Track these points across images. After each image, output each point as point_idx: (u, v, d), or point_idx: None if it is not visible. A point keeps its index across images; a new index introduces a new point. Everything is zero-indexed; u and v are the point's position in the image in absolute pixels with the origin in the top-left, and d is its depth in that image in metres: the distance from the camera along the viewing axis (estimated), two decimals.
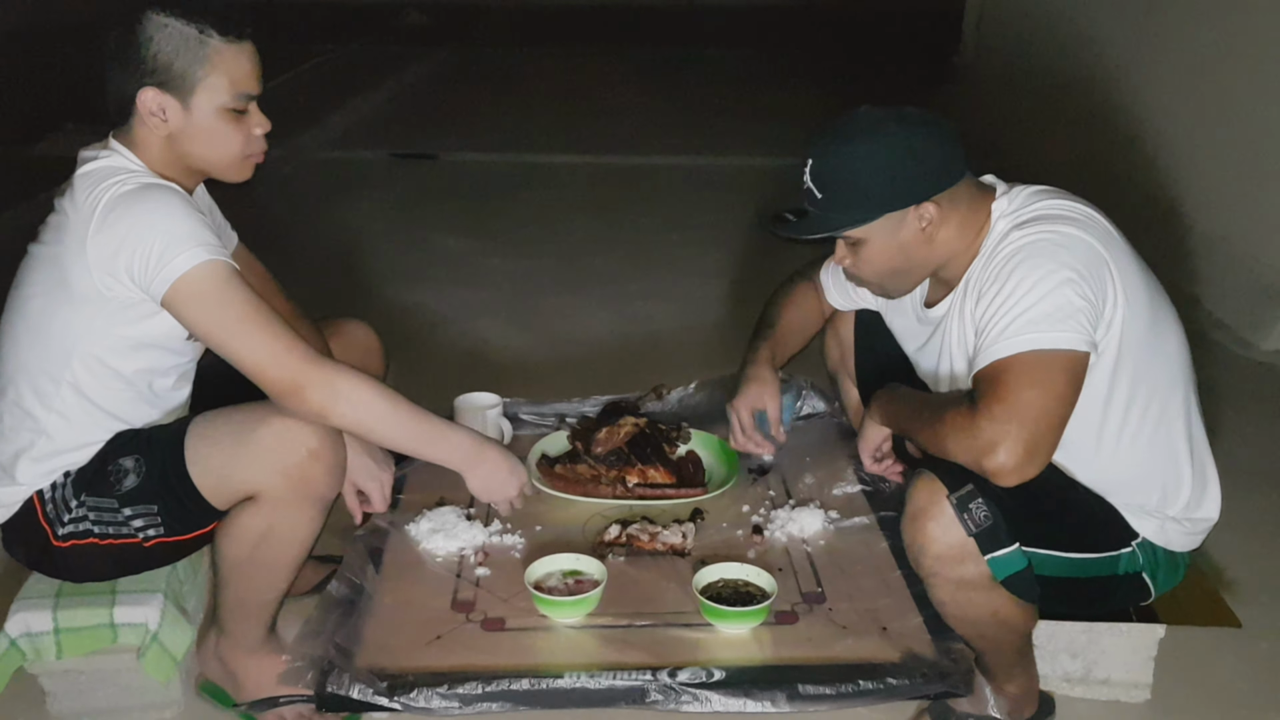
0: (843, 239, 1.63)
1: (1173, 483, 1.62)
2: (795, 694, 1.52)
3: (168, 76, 1.54)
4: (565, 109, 6.83)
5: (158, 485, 1.58)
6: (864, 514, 1.96)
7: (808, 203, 1.61)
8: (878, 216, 1.57)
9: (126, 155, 1.58)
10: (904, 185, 1.55)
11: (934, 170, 1.56)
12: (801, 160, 1.61)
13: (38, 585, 1.74)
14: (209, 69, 1.55)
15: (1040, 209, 1.56)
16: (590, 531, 1.90)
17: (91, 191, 1.51)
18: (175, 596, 1.77)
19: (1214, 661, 1.91)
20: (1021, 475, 1.43)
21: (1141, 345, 1.54)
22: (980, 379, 1.48)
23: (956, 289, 1.63)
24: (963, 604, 1.54)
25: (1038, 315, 1.45)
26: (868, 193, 1.55)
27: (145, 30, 1.53)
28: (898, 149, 1.54)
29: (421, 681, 1.52)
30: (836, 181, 1.57)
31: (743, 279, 3.86)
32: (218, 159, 1.62)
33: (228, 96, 1.57)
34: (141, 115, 1.56)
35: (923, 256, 1.62)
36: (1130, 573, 1.62)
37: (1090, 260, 1.48)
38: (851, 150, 1.56)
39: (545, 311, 3.60)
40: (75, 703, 1.77)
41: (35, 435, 1.60)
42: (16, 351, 1.60)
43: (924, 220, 1.57)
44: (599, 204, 4.88)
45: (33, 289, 1.58)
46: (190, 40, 1.53)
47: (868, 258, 1.63)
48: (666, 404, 2.39)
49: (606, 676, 1.54)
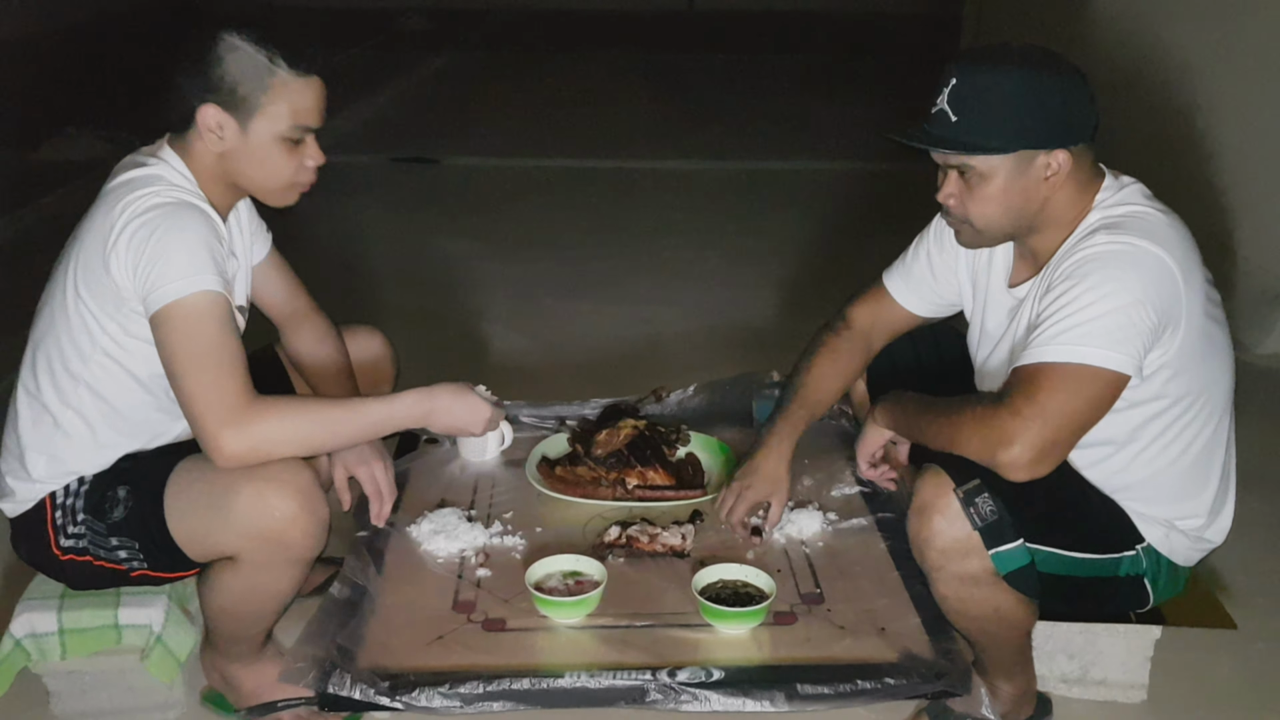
0: (958, 171, 1.54)
1: (1191, 503, 1.62)
2: (794, 693, 1.53)
3: (231, 97, 1.57)
4: (566, 113, 6.84)
5: (139, 525, 1.59)
6: (862, 515, 1.97)
7: (936, 125, 1.52)
8: (1017, 148, 1.49)
9: (175, 166, 1.60)
10: (1048, 124, 1.49)
11: (1077, 119, 1.51)
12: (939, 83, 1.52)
13: (43, 586, 1.75)
14: (272, 97, 1.57)
15: (1133, 214, 1.52)
16: (590, 533, 1.91)
17: (128, 195, 1.54)
18: (179, 598, 1.78)
19: (1210, 663, 1.92)
20: (1031, 472, 1.44)
21: (1195, 368, 1.54)
22: (1019, 373, 1.48)
23: (1038, 276, 1.60)
24: (965, 599, 1.55)
25: (1096, 330, 1.44)
26: (1011, 121, 1.48)
27: (218, 49, 1.56)
28: (1052, 84, 1.49)
29: (423, 681, 1.53)
30: (981, 104, 1.49)
31: (743, 283, 3.87)
32: (264, 183, 1.64)
33: (286, 126, 1.59)
34: (200, 129, 1.58)
35: (1034, 209, 1.55)
36: (1131, 576, 1.62)
37: (1164, 284, 1.46)
38: (1004, 75, 1.48)
39: (545, 314, 3.61)
40: (79, 703, 1.78)
41: (53, 431, 1.61)
42: (45, 343, 1.62)
43: (1051, 169, 1.51)
44: (599, 208, 4.90)
45: (62, 282, 1.60)
46: (259, 67, 1.56)
47: (983, 195, 1.53)
48: (666, 406, 2.40)
49: (606, 676, 1.55)
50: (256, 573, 1.56)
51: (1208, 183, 3.72)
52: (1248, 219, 3.52)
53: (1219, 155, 3.69)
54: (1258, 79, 3.48)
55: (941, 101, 1.51)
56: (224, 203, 1.66)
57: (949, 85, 1.51)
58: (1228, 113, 3.65)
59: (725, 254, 4.18)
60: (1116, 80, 4.45)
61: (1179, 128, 3.94)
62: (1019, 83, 1.48)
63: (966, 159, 1.52)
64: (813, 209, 4.78)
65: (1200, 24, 3.85)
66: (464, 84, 8.01)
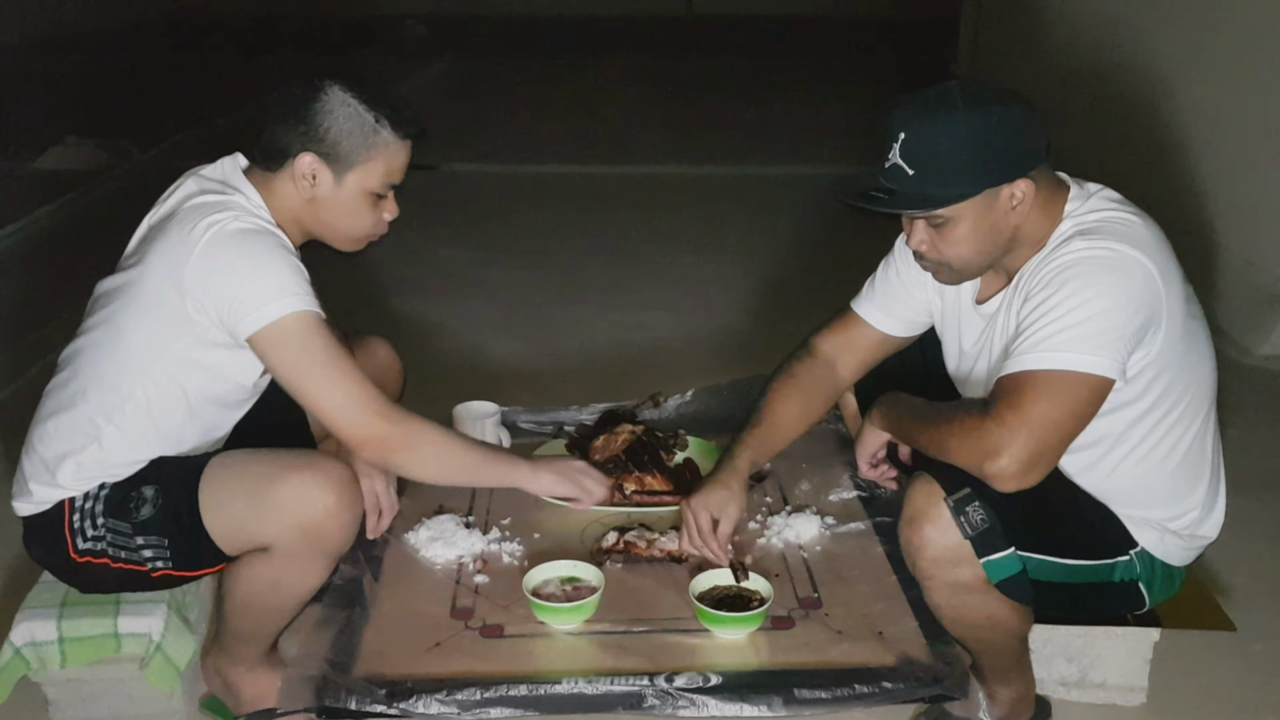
0: (926, 220, 1.54)
1: (1182, 504, 1.62)
2: (791, 698, 1.53)
3: (333, 150, 1.60)
4: (564, 120, 6.85)
5: (170, 521, 1.60)
6: (860, 520, 1.97)
7: (893, 181, 1.51)
8: (980, 190, 1.49)
9: (251, 199, 1.62)
10: (1004, 159, 1.49)
11: (1029, 145, 1.52)
12: (883, 138, 1.52)
13: (43, 594, 1.75)
14: (372, 155, 1.61)
15: (1106, 219, 1.52)
16: (588, 538, 1.92)
17: (200, 220, 1.54)
18: (179, 607, 1.78)
19: (1209, 665, 1.92)
20: (1020, 483, 1.44)
21: (1178, 364, 1.54)
22: (1003, 383, 1.48)
23: (1008, 287, 1.60)
24: (958, 607, 1.55)
25: (1077, 335, 1.44)
26: (970, 167, 1.48)
27: (327, 101, 1.59)
28: (1000, 120, 1.48)
29: (420, 688, 1.54)
30: (935, 155, 1.48)
31: (740, 288, 3.88)
32: (343, 232, 1.68)
33: (377, 183, 1.63)
34: (293, 174, 1.61)
35: (1007, 237, 1.55)
36: (1126, 580, 1.63)
37: (1143, 287, 1.46)
38: (951, 123, 1.47)
39: (543, 320, 3.61)
40: (78, 711, 1.78)
41: (88, 441, 1.61)
42: (96, 359, 1.62)
43: (1016, 199, 1.51)
44: (596, 214, 4.90)
45: (121, 303, 1.60)
46: (365, 125, 1.60)
47: (954, 239, 1.53)
48: (664, 412, 2.40)
49: (604, 682, 1.55)
50: (288, 564, 1.57)
51: (1206, 185, 3.73)
52: (1245, 221, 3.52)
53: (1217, 157, 3.69)
54: (1258, 80, 3.48)
55: (894, 156, 1.51)
56: (292, 241, 1.67)
57: (898, 140, 1.50)
58: (1226, 113, 3.65)
59: (723, 259, 4.18)
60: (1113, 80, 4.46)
61: (1176, 128, 3.95)
62: (968, 126, 1.48)
63: (935, 212, 1.52)
64: (812, 214, 4.78)
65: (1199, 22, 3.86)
66: (462, 90, 8.03)
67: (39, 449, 1.64)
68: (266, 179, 1.63)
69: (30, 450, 1.65)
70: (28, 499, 1.64)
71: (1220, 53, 3.70)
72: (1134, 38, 4.36)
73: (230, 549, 1.60)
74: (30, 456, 1.65)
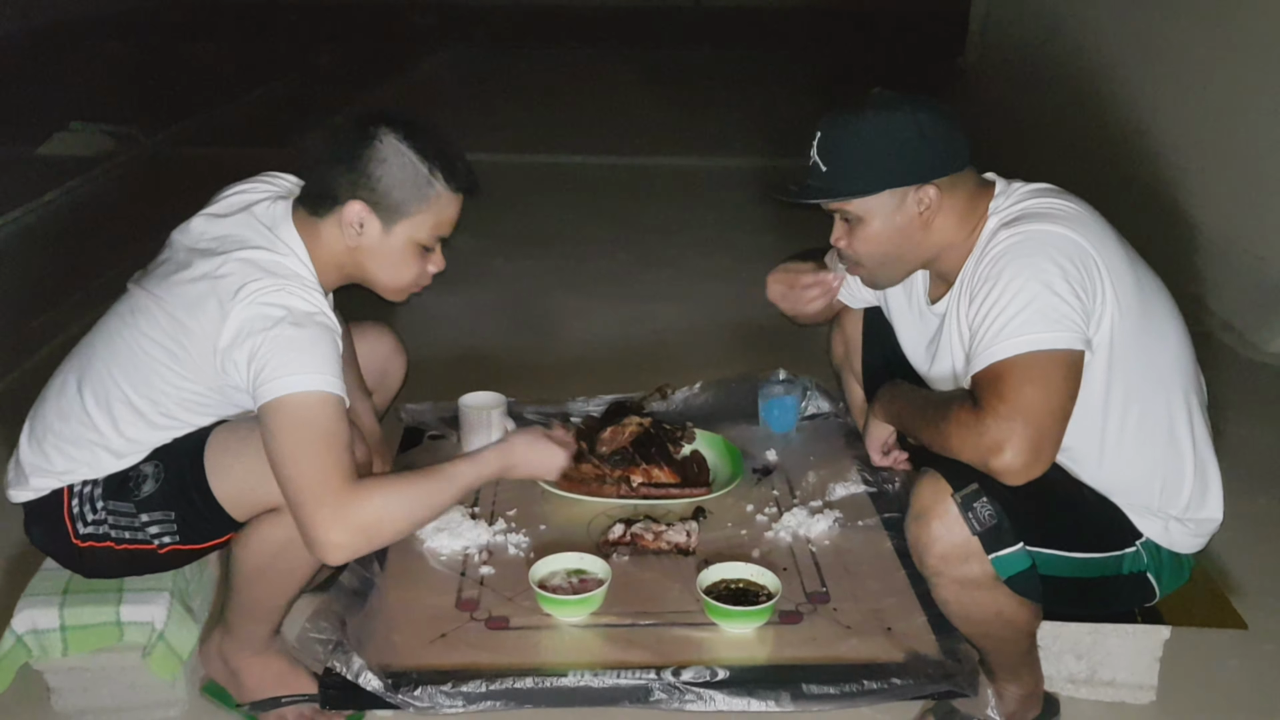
0: (841, 216, 1.63)
1: (1173, 481, 1.61)
2: (799, 693, 1.52)
3: (384, 200, 1.58)
4: (571, 109, 6.84)
5: (176, 493, 1.59)
6: (869, 514, 1.96)
7: (812, 178, 1.61)
8: (879, 190, 1.57)
9: (298, 252, 1.59)
10: (908, 163, 1.56)
11: (939, 153, 1.57)
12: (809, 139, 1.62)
13: (45, 582, 1.74)
14: (423, 207, 1.60)
15: (1029, 207, 1.56)
16: (594, 531, 1.90)
17: (248, 285, 1.51)
18: (181, 595, 1.77)
19: (1219, 663, 1.91)
20: (1029, 473, 1.43)
21: (1134, 342, 1.53)
22: (979, 381, 1.48)
23: (953, 288, 1.64)
24: (966, 604, 1.54)
25: (1031, 316, 1.45)
26: (872, 165, 1.56)
27: (380, 149, 1.56)
28: (905, 126, 1.55)
29: (425, 679, 1.53)
30: (843, 153, 1.57)
31: (748, 280, 3.85)
32: (386, 282, 1.66)
33: (426, 235, 1.62)
34: (340, 220, 1.59)
35: (917, 243, 1.61)
36: (1134, 572, 1.62)
37: (1076, 257, 1.48)
38: (860, 123, 1.57)
39: (550, 311, 3.60)
40: (79, 700, 1.78)
41: (97, 449, 1.60)
42: (113, 373, 1.59)
43: (923, 204, 1.58)
44: (604, 204, 4.89)
45: (152, 332, 1.57)
46: (419, 177, 1.58)
47: (865, 236, 1.62)
48: (671, 404, 2.39)
49: (610, 675, 1.54)
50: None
51: (1214, 180, 3.70)
52: (1254, 216, 3.50)
53: (1226, 151, 3.67)
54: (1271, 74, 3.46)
55: (813, 154, 1.61)
56: (332, 285, 1.65)
57: (816, 138, 1.60)
58: (1236, 107, 3.63)
59: (732, 251, 4.16)
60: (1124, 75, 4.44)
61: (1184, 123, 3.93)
62: (874, 128, 1.56)
63: (842, 205, 1.60)
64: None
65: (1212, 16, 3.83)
66: (469, 80, 8.01)
67: (44, 445, 1.63)
68: (311, 224, 1.61)
69: (35, 440, 1.64)
70: (24, 486, 1.64)
71: (1233, 47, 3.67)
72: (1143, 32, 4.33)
73: (240, 513, 1.59)
74: (34, 447, 1.64)
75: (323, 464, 1.47)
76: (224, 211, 1.64)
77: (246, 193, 1.68)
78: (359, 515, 1.47)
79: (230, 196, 1.68)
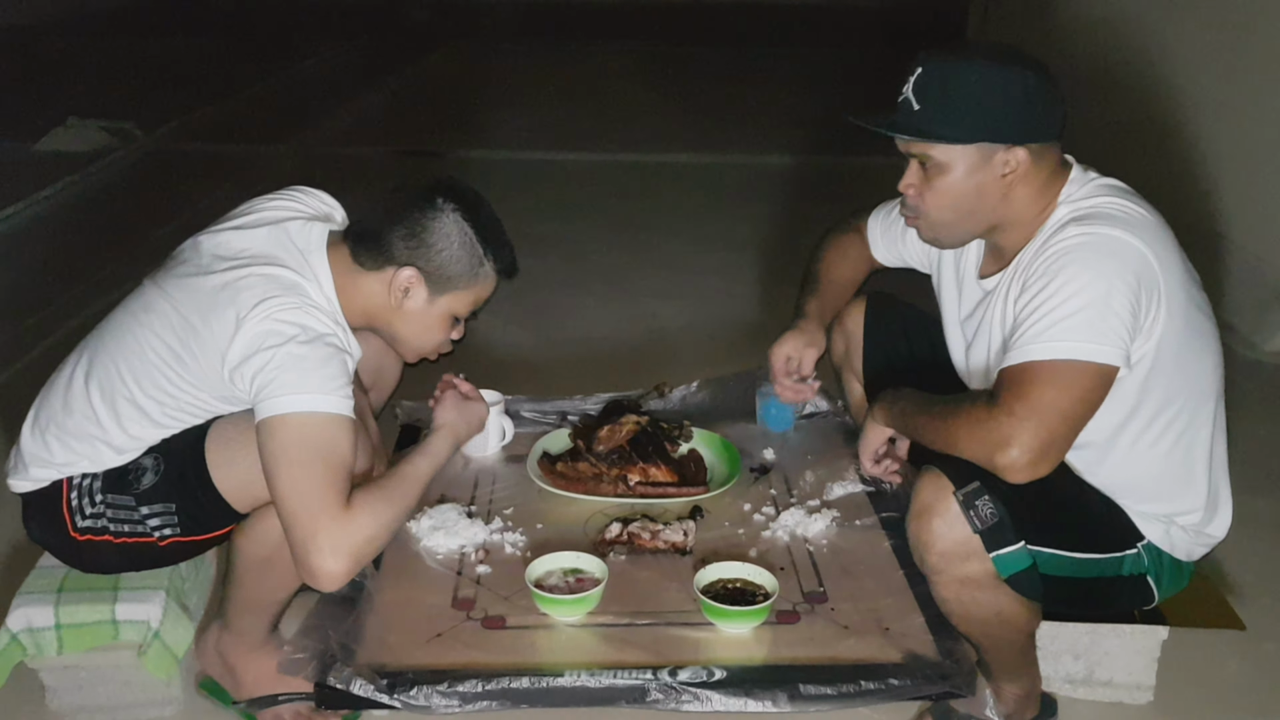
0: (921, 161, 1.56)
1: (1184, 499, 1.61)
2: (796, 694, 1.51)
3: (437, 273, 1.62)
4: (570, 106, 6.82)
5: (176, 485, 1.59)
6: (867, 514, 1.95)
7: (900, 114, 1.54)
8: (973, 140, 1.51)
9: (325, 287, 1.59)
10: (1009, 119, 1.50)
11: (1039, 116, 1.52)
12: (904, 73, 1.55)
13: (39, 580, 1.74)
14: (471, 285, 1.66)
15: (1101, 205, 1.52)
16: (591, 530, 1.90)
17: (266, 300, 1.51)
18: (177, 594, 1.76)
19: (1217, 664, 1.91)
20: (1032, 473, 1.42)
21: (1173, 360, 1.51)
22: (1006, 375, 1.47)
23: (1008, 269, 1.60)
24: (966, 602, 1.54)
25: (1078, 323, 1.43)
26: (971, 113, 1.50)
27: (444, 224, 1.61)
28: (1014, 83, 1.49)
29: (421, 679, 1.52)
30: (944, 94, 1.50)
31: (747, 278, 3.86)
32: (411, 342, 1.70)
33: (464, 309, 1.69)
34: (388, 280, 1.61)
35: (991, 207, 1.56)
36: (1134, 575, 1.61)
37: (1140, 271, 1.45)
38: (968, 69, 1.50)
39: (548, 309, 3.59)
40: (75, 698, 1.77)
41: (100, 444, 1.59)
42: (120, 369, 1.59)
43: (1009, 165, 1.52)
44: (603, 202, 4.87)
45: (162, 333, 1.56)
46: (475, 258, 1.64)
47: (940, 187, 1.55)
48: (669, 402, 2.39)
49: (607, 675, 1.53)
50: None
51: (1214, 179, 3.70)
52: (1254, 215, 3.49)
53: (1225, 150, 3.67)
54: (1269, 72, 3.45)
55: (906, 90, 1.53)
56: (351, 324, 1.64)
57: (914, 75, 1.53)
58: (1235, 106, 3.62)
59: (730, 249, 4.15)
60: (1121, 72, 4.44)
61: (1184, 121, 3.92)
62: (982, 76, 1.50)
63: (926, 147, 1.54)
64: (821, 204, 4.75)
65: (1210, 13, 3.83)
66: (468, 76, 8.00)
67: (47, 436, 1.62)
68: (352, 268, 1.61)
69: (38, 431, 1.63)
70: (23, 476, 1.63)
71: (1231, 45, 3.67)
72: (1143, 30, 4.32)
73: (242, 504, 1.59)
74: (35, 437, 1.63)
75: (317, 489, 1.47)
76: (254, 224, 1.64)
77: (278, 209, 1.68)
78: (351, 541, 1.48)
79: (262, 210, 1.68)
